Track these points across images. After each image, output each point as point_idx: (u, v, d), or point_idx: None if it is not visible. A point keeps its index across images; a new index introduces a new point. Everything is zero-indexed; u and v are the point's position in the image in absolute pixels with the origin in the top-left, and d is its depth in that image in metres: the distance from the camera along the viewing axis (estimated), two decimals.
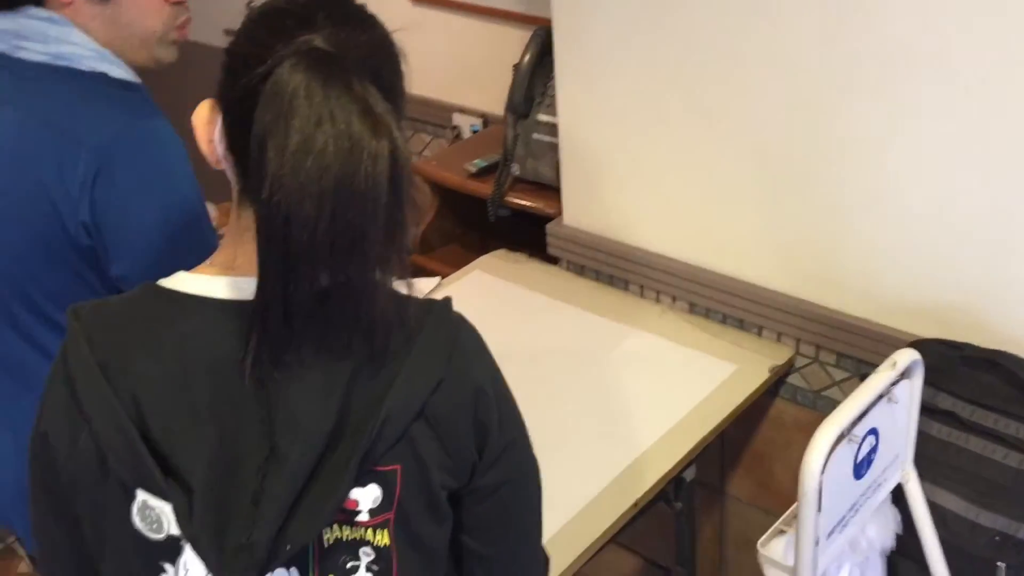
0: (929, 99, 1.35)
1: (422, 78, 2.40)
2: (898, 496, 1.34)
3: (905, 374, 1.25)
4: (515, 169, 1.94)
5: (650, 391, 1.60)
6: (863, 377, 1.32)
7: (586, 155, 1.79)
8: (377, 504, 0.83)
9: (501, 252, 2.01)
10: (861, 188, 1.47)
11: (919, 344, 1.39)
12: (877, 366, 1.24)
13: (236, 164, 0.83)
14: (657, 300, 1.82)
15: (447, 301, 0.88)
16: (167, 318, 0.83)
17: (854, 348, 1.58)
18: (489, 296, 1.88)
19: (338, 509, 0.81)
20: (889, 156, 1.42)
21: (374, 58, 0.81)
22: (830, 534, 1.19)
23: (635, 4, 1.59)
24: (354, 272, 0.77)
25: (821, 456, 1.11)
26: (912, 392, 1.27)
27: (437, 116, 2.33)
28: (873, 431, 1.21)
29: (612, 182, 1.77)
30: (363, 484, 0.82)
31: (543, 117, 1.89)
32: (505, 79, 1.94)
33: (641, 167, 1.72)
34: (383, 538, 0.84)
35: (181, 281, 0.85)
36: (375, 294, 0.79)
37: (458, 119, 2.27)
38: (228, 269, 0.84)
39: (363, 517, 0.83)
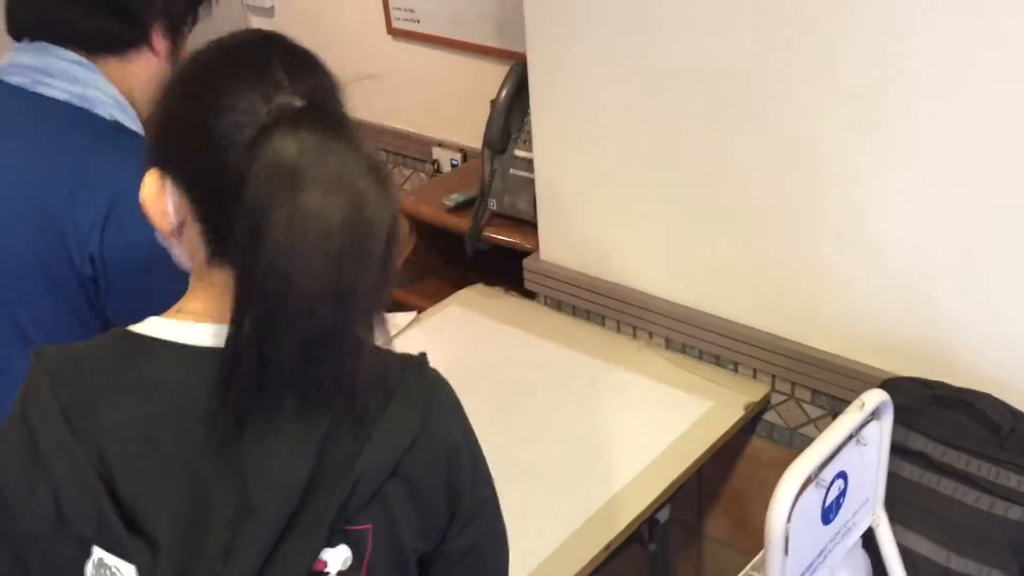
0: (902, 138, 1.35)
1: (403, 112, 2.42)
2: (868, 540, 1.32)
3: (874, 415, 1.23)
4: (492, 204, 1.94)
5: (625, 428, 1.59)
6: (836, 415, 1.30)
7: (562, 191, 1.79)
8: (346, 567, 0.80)
9: (478, 287, 2.01)
10: (836, 226, 1.46)
11: (890, 383, 1.38)
12: (851, 403, 1.23)
13: (208, 234, 0.80)
14: (634, 336, 1.81)
15: (423, 357, 0.86)
16: (137, 364, 0.80)
17: (829, 385, 1.57)
18: (466, 331, 1.88)
19: (308, 570, 0.78)
20: (863, 195, 1.42)
21: (336, 99, 0.80)
22: None
23: (609, 40, 1.59)
24: (339, 327, 0.75)
25: (787, 502, 1.09)
26: (881, 434, 1.25)
27: (417, 150, 2.34)
28: (842, 474, 1.19)
29: (589, 218, 1.77)
30: (333, 544, 0.80)
31: (520, 152, 1.89)
32: (485, 113, 1.94)
33: (617, 203, 1.72)
34: None
35: (153, 326, 0.82)
36: (358, 349, 0.77)
37: (438, 153, 2.28)
38: (202, 316, 0.82)
39: None
